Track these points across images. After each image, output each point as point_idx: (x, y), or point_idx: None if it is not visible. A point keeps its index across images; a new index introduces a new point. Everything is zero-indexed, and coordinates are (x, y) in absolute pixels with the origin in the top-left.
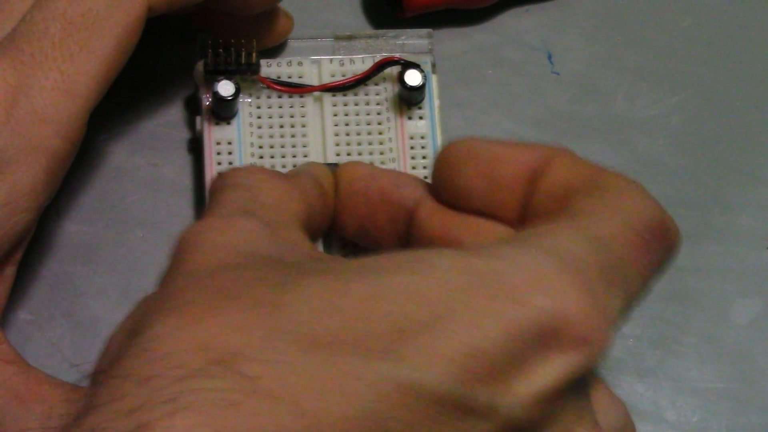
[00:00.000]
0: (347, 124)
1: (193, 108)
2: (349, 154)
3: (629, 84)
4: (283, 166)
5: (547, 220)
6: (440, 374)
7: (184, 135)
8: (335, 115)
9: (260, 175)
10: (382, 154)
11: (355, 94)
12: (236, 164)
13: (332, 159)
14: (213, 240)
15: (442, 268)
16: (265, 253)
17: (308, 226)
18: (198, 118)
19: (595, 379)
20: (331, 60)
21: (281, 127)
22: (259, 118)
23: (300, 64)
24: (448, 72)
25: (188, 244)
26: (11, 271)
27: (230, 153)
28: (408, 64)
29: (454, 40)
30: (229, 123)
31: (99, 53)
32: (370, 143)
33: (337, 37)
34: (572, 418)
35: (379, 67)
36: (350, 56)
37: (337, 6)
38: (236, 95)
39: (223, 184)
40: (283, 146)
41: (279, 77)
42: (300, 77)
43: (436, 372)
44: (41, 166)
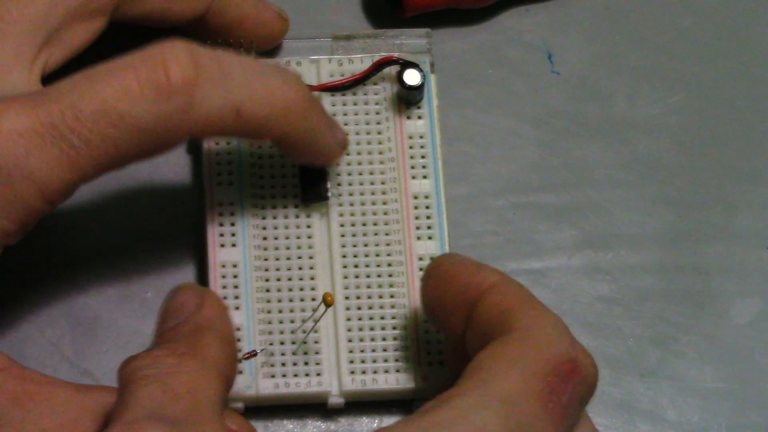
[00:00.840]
0: (346, 124)
1: None
2: (348, 154)
3: (629, 84)
4: (282, 166)
5: (467, 369)
6: None
7: None
8: (334, 115)
9: (171, 360)
10: (381, 153)
11: (354, 94)
12: (235, 164)
13: None
14: None
15: None
16: None
17: (225, 398)
18: None
19: None
20: (330, 60)
21: None
22: None
23: (299, 63)
24: (447, 72)
25: None
26: None
27: (229, 153)
28: (407, 64)
29: (454, 40)
30: None
31: (115, 145)
32: (369, 143)
33: (336, 37)
34: None
35: (378, 66)
36: (349, 56)
37: (337, 6)
38: None
39: (131, 377)
40: None
41: None
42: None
43: None
44: (16, 216)
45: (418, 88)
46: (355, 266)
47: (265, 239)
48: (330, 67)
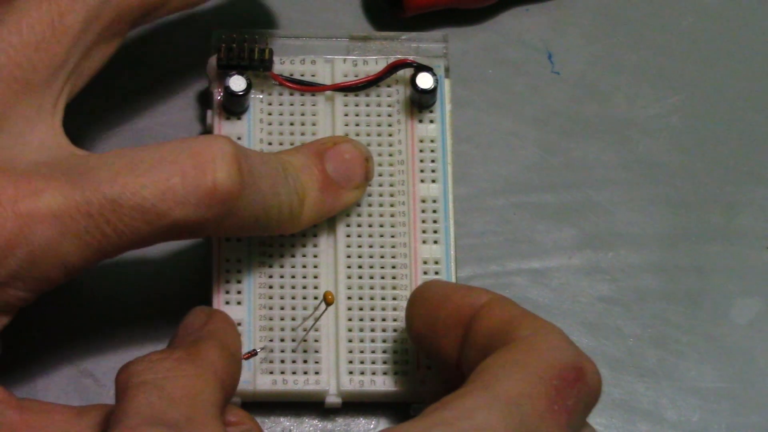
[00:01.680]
0: (357, 125)
1: (204, 102)
2: None
3: (629, 84)
4: None
5: (470, 375)
6: None
7: (190, 133)
8: (346, 115)
9: (167, 364)
10: (391, 155)
11: (367, 95)
12: None
13: None
14: None
15: None
16: None
17: (223, 403)
18: (209, 112)
19: None
20: (345, 60)
21: (291, 124)
22: (269, 114)
23: (313, 62)
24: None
25: None
26: None
27: (239, 138)
28: (420, 67)
29: (455, 40)
30: (239, 118)
31: (145, 237)
32: (380, 144)
33: (353, 38)
34: None
35: (392, 69)
36: (364, 57)
37: (337, 6)
38: (247, 90)
39: (129, 383)
40: (292, 144)
41: (292, 75)
42: (313, 76)
43: None
44: (38, 289)
45: (431, 92)
46: (359, 267)
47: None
48: (344, 67)
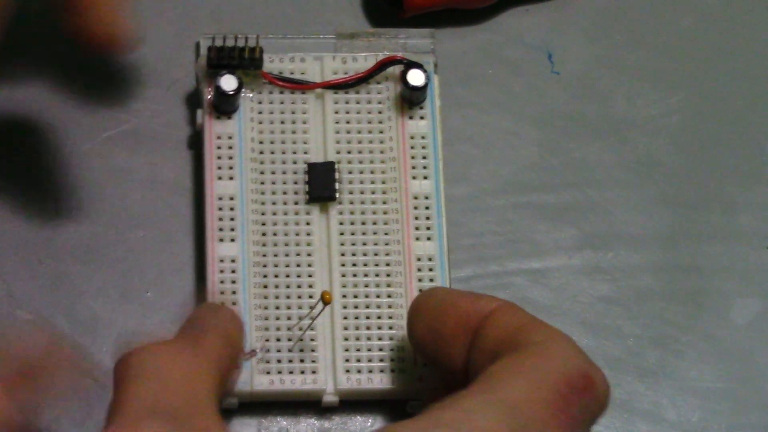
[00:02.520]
0: (348, 122)
1: (194, 102)
2: (349, 152)
3: (629, 84)
4: (283, 162)
5: (474, 379)
6: None
7: (184, 134)
8: (336, 113)
9: (166, 356)
10: (382, 153)
11: (357, 93)
12: (236, 159)
13: (332, 156)
14: None
15: None
16: None
17: (222, 392)
18: (199, 112)
19: None
20: (334, 57)
21: (282, 123)
22: (260, 113)
23: (303, 60)
24: (448, 71)
25: None
26: None
27: (230, 147)
28: (411, 64)
29: (455, 40)
30: (230, 117)
31: None
32: (371, 141)
33: (340, 35)
34: None
35: (382, 65)
36: (353, 54)
37: (337, 5)
38: (239, 90)
39: (127, 374)
40: (283, 142)
41: (281, 73)
42: (302, 74)
43: None
44: None
45: (422, 89)
46: (354, 265)
47: (264, 235)
48: (333, 65)
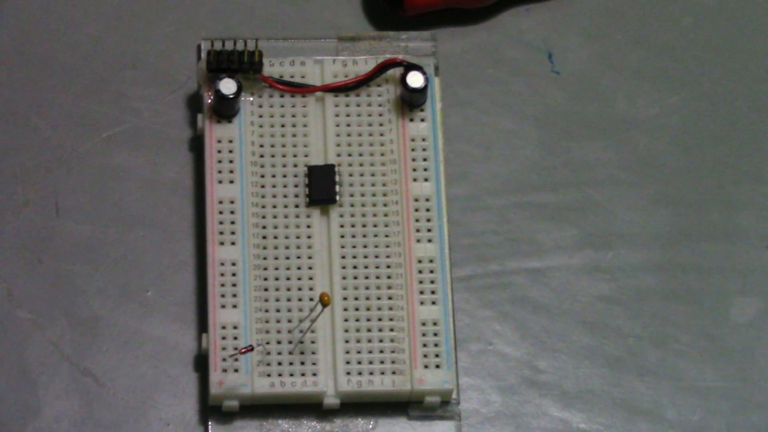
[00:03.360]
0: (348, 125)
1: (194, 106)
2: (350, 155)
3: (629, 84)
4: (284, 166)
5: None
6: None
7: (185, 135)
8: (337, 116)
9: None
10: (382, 155)
11: (357, 95)
12: (237, 163)
13: (332, 159)
14: None
15: None
16: None
17: None
18: (199, 116)
19: None
20: (334, 60)
21: (282, 126)
22: (260, 117)
23: (303, 63)
24: (448, 71)
25: None
26: None
27: (231, 151)
28: (411, 66)
29: (455, 40)
30: (230, 121)
31: None
32: (371, 144)
33: (341, 38)
34: None
35: (382, 68)
36: (353, 57)
37: (338, 6)
38: (238, 93)
39: None
40: (284, 146)
41: (281, 76)
42: (302, 77)
43: None
44: None
45: (422, 91)
46: (354, 267)
47: (264, 238)
48: (334, 68)
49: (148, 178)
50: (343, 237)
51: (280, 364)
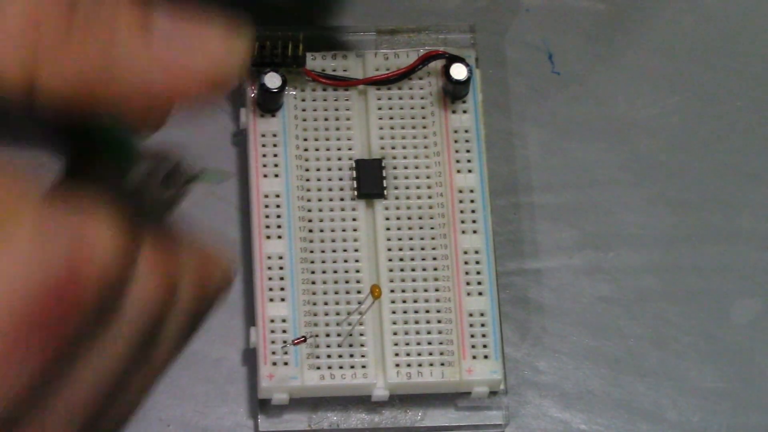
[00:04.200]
0: (391, 118)
1: (237, 100)
2: (393, 148)
3: (629, 84)
4: (328, 159)
5: None
6: None
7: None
8: (379, 109)
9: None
10: (426, 147)
11: (400, 88)
12: (281, 157)
13: (376, 153)
14: None
15: None
16: None
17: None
18: (243, 111)
19: None
20: (376, 54)
21: (326, 120)
22: (303, 110)
23: (345, 57)
24: None
25: None
26: None
27: (275, 145)
28: (453, 58)
29: None
30: (274, 115)
31: None
32: (415, 137)
33: (380, 32)
34: None
35: (424, 60)
36: (394, 50)
37: None
38: (283, 87)
39: None
40: (327, 139)
41: (324, 70)
42: (345, 70)
43: None
44: None
45: (465, 83)
46: (401, 260)
47: (311, 231)
48: (376, 62)
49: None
50: (389, 230)
51: (329, 356)
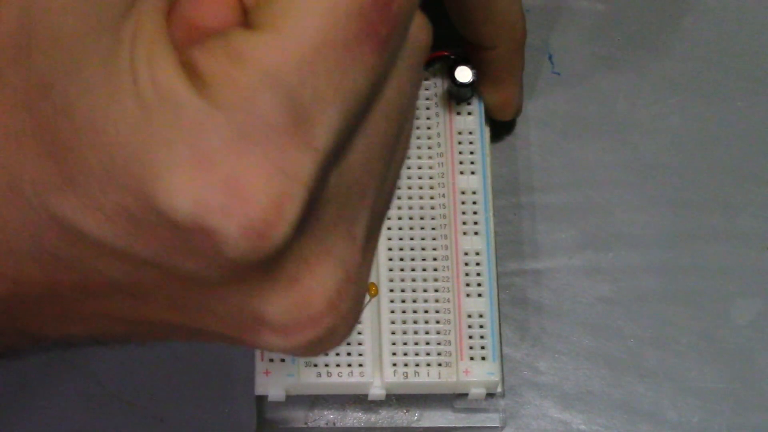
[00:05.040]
0: None
1: None
2: None
3: (629, 84)
4: None
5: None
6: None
7: None
8: None
9: None
10: (429, 149)
11: None
12: None
13: None
14: None
15: None
16: None
17: None
18: None
19: None
20: None
21: None
22: None
23: None
24: None
25: None
26: None
27: None
28: (458, 60)
29: None
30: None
31: None
32: (419, 137)
33: None
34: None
35: (429, 62)
36: None
37: None
38: None
39: None
40: None
41: None
42: None
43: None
44: None
45: (470, 85)
46: (401, 259)
47: None
48: None
49: None
50: (390, 229)
51: (326, 355)
